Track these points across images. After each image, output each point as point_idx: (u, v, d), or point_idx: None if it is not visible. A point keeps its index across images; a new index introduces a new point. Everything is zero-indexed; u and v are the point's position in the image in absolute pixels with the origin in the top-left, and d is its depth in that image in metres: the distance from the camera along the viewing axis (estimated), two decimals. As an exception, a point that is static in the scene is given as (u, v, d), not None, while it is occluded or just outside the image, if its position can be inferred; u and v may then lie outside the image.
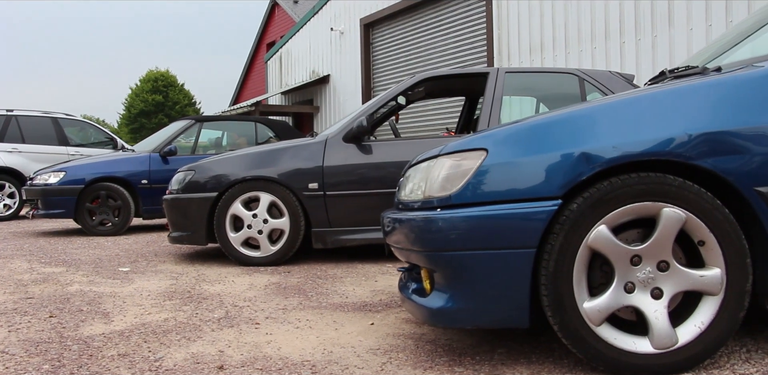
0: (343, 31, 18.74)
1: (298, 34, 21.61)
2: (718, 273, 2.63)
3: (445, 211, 2.74)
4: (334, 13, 19.17)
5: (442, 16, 14.93)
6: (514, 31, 12.49)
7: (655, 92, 2.83)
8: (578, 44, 11.14)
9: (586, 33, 10.97)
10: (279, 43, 23.23)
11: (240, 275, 5.64)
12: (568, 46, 11.34)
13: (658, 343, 2.62)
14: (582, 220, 2.60)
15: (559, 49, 11.52)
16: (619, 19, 10.37)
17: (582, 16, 11.03)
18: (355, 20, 18.11)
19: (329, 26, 19.30)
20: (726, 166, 2.62)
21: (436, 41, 15.16)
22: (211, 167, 6.33)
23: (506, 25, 12.68)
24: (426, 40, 15.53)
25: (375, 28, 17.61)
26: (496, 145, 2.77)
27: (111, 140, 14.22)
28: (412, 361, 3.06)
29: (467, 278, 2.71)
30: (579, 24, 11.11)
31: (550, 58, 11.69)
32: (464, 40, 14.19)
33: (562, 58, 11.42)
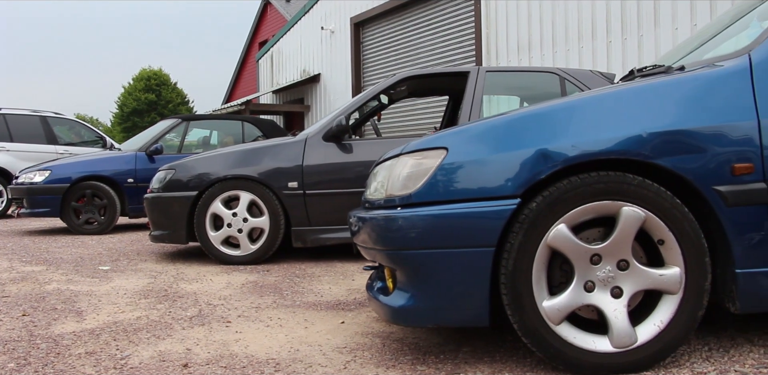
0: (333, 30, 18.74)
1: (289, 33, 21.60)
2: (677, 272, 2.63)
3: (405, 210, 2.74)
4: (325, 12, 19.17)
5: (431, 15, 14.94)
6: (503, 30, 12.50)
7: (616, 91, 2.84)
8: (565, 43, 11.15)
9: (574, 32, 10.98)
10: (270, 42, 23.23)
11: (219, 274, 5.64)
12: (555, 45, 11.35)
13: (617, 341, 2.63)
14: (541, 219, 2.61)
15: (546, 49, 11.53)
16: (606, 18, 10.37)
17: (569, 15, 11.03)
18: (345, 19, 18.10)
19: (320, 25, 19.29)
20: (685, 164, 2.62)
21: (425, 40, 15.17)
22: (192, 166, 6.33)
23: (494, 25, 12.68)
24: (415, 39, 15.53)
25: (365, 27, 17.61)
26: (456, 143, 2.77)
27: (100, 139, 14.19)
28: (377, 359, 3.07)
29: (427, 277, 2.71)
30: (566, 23, 11.11)
31: (537, 57, 11.69)
32: (453, 39, 14.19)
33: (549, 57, 11.43)
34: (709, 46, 3.37)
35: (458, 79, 6.64)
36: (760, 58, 2.77)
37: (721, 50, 3.13)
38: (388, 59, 16.66)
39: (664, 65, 3.25)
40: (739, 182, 2.63)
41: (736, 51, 2.91)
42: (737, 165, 2.63)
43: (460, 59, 13.87)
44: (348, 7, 17.87)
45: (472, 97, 6.17)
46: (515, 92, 7.44)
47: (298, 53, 21.01)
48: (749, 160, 2.64)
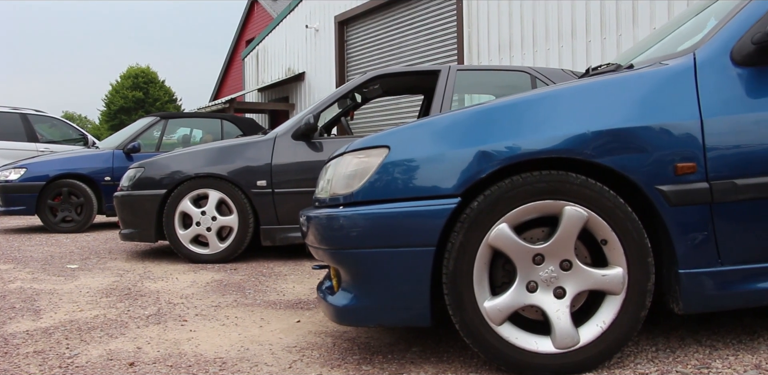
0: (318, 29, 18.70)
1: (275, 32, 21.57)
2: (620, 272, 2.61)
3: (347, 209, 2.72)
4: (310, 11, 19.14)
5: (414, 14, 14.93)
6: (484, 29, 12.50)
7: (559, 89, 2.81)
8: (546, 43, 11.15)
9: (554, 32, 10.98)
10: (256, 40, 23.19)
11: (186, 272, 5.62)
12: (536, 44, 11.35)
13: (559, 342, 2.60)
14: (482, 218, 2.58)
15: (527, 48, 11.53)
16: (586, 18, 10.37)
17: (549, 15, 11.04)
18: (329, 18, 18.08)
19: (304, 23, 19.26)
20: (628, 164, 2.60)
21: (408, 39, 15.16)
22: (161, 164, 6.30)
23: (476, 24, 12.68)
24: (399, 38, 15.52)
25: (349, 25, 17.59)
26: (398, 142, 2.75)
27: (82, 137, 14.13)
28: (324, 359, 3.05)
29: (369, 276, 2.68)
30: (546, 23, 11.12)
31: (518, 56, 11.70)
32: (436, 38, 14.19)
33: (530, 56, 11.43)
34: (664, 44, 3.35)
35: (431, 78, 6.62)
36: (705, 57, 2.75)
37: (673, 49, 3.10)
38: (372, 58, 16.65)
39: (616, 64, 3.23)
40: (681, 182, 2.61)
41: (683, 50, 2.90)
42: (680, 164, 2.61)
43: (442, 58, 13.87)
44: (332, 6, 17.84)
45: (442, 95, 6.16)
46: (486, 91, 7.43)
47: (283, 51, 20.98)
48: (692, 159, 2.62)
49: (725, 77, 2.72)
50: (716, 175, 2.62)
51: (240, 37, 33.73)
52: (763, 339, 2.99)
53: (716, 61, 2.74)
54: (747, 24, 2.77)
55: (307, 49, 19.44)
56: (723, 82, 2.71)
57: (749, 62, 2.73)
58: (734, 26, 2.79)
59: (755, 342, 2.95)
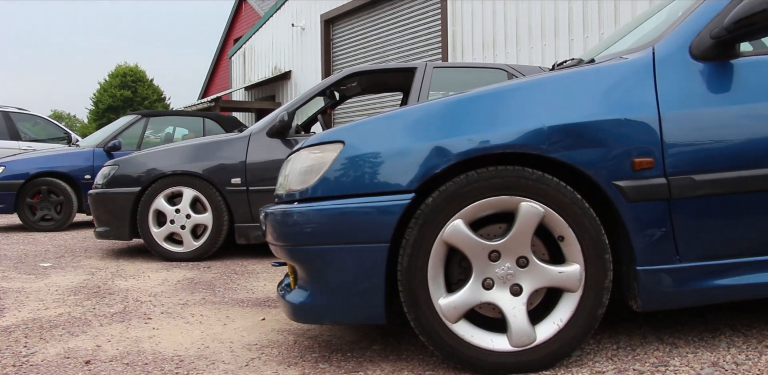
0: (304, 27, 18.68)
1: (261, 30, 21.53)
2: (577, 269, 2.57)
3: (301, 205, 2.68)
4: (296, 9, 19.11)
5: (399, 13, 14.93)
6: (468, 28, 12.50)
7: (517, 84, 2.77)
8: (529, 41, 11.15)
9: (537, 30, 10.98)
10: (243, 39, 23.15)
11: (158, 270, 5.57)
12: (519, 43, 11.35)
13: (516, 340, 2.56)
14: (437, 214, 2.55)
15: (510, 46, 11.53)
16: (568, 17, 10.38)
17: (532, 14, 11.05)
18: (315, 16, 18.06)
19: (291, 22, 19.22)
20: (584, 159, 2.56)
21: (393, 37, 15.16)
22: (135, 162, 6.25)
23: (460, 23, 12.68)
24: (384, 36, 15.52)
25: (335, 24, 17.57)
26: (353, 137, 2.71)
27: (66, 135, 14.04)
28: (282, 357, 3.01)
29: (324, 273, 2.64)
30: (530, 22, 11.12)
31: (502, 54, 11.70)
32: (420, 36, 14.20)
33: (513, 54, 11.43)
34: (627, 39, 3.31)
35: (408, 75, 6.59)
36: (663, 51, 2.72)
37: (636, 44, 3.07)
38: (358, 56, 16.63)
39: (579, 59, 3.21)
40: (639, 177, 2.57)
41: (643, 44, 2.87)
42: (637, 159, 2.57)
43: (427, 56, 13.87)
44: (318, 4, 17.82)
45: (418, 92, 6.13)
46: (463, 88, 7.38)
47: (270, 50, 20.94)
48: (649, 154, 2.58)
49: (684, 72, 2.69)
50: (674, 170, 2.58)
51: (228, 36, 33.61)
52: (724, 336, 2.97)
53: (675, 55, 2.71)
54: (706, 19, 2.73)
55: (293, 47, 19.41)
56: (681, 76, 2.68)
57: (708, 57, 2.69)
58: (693, 21, 2.76)
59: (716, 339, 2.93)
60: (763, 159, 2.61)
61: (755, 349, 2.76)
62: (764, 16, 2.49)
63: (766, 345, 2.82)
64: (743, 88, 2.68)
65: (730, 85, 2.68)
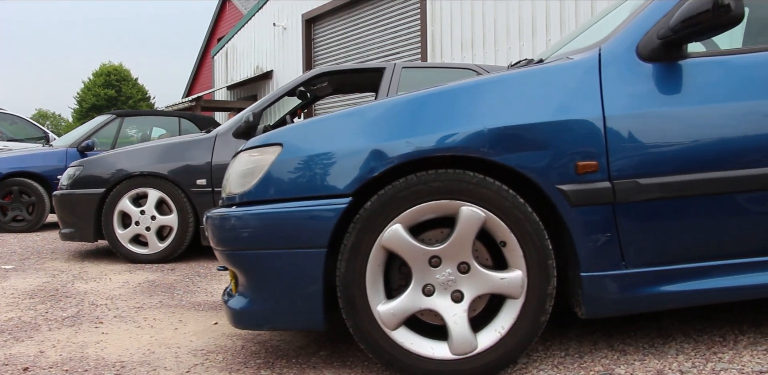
0: (285, 27, 18.61)
1: (243, 30, 21.46)
2: (519, 275, 2.50)
3: (239, 209, 2.62)
4: (278, 9, 19.04)
5: (379, 13, 14.90)
6: (447, 28, 12.48)
7: (459, 85, 2.70)
8: (507, 41, 11.12)
9: (515, 30, 10.95)
10: (225, 39, 23.07)
11: (121, 273, 5.49)
12: (497, 43, 11.32)
13: (456, 348, 2.50)
14: (375, 218, 2.48)
15: (489, 46, 11.50)
16: (545, 17, 10.35)
17: (510, 14, 11.02)
18: (297, 16, 18.00)
19: (272, 22, 19.15)
20: (527, 162, 2.49)
21: (374, 37, 15.13)
22: (100, 163, 6.16)
23: (439, 23, 12.65)
24: (365, 36, 15.49)
25: (316, 23, 17.51)
26: (291, 140, 2.64)
27: (44, 135, 13.93)
28: (226, 362, 2.95)
29: (262, 279, 2.58)
30: (508, 22, 11.09)
31: (480, 54, 11.67)
32: (400, 36, 14.18)
33: (491, 54, 11.40)
34: (579, 40, 3.25)
35: (377, 76, 6.53)
36: (610, 52, 2.66)
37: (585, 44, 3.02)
38: (339, 56, 16.59)
39: (530, 59, 3.15)
40: (583, 181, 2.50)
41: (590, 45, 2.82)
42: (581, 163, 2.50)
43: (407, 56, 13.84)
44: (300, 4, 17.77)
45: (386, 93, 6.08)
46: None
47: (252, 50, 20.87)
48: (594, 157, 2.51)
49: (630, 73, 2.62)
50: (619, 174, 2.52)
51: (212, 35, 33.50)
52: (675, 342, 2.91)
53: (621, 56, 2.65)
54: (653, 19, 2.68)
55: (275, 47, 19.35)
56: (628, 77, 2.61)
57: (655, 57, 2.63)
58: (641, 21, 2.70)
59: (666, 346, 2.87)
60: (710, 162, 2.55)
61: (703, 356, 2.71)
62: (708, 16, 2.43)
63: (715, 351, 2.76)
64: (691, 89, 2.62)
65: (677, 86, 2.62)
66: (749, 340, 2.89)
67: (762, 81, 2.66)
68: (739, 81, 2.66)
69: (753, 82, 2.66)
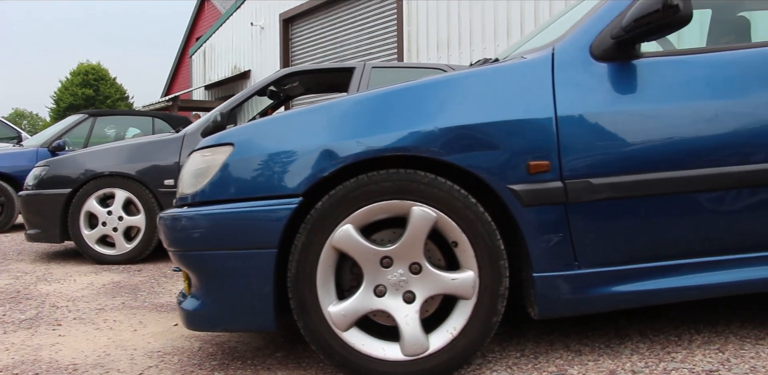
0: (263, 27, 18.57)
1: (221, 29, 21.39)
2: (470, 275, 2.49)
3: (190, 209, 2.59)
4: (255, 8, 19.00)
5: (356, 13, 14.89)
6: (423, 28, 12.48)
7: (411, 84, 2.67)
8: (482, 42, 11.13)
9: (490, 31, 10.97)
10: (203, 38, 23.00)
11: (87, 274, 5.44)
12: (472, 43, 11.33)
13: (408, 349, 2.48)
14: (325, 218, 2.46)
15: (464, 47, 11.51)
16: (520, 18, 10.37)
17: (486, 15, 11.04)
18: (274, 15, 17.96)
19: (250, 21, 19.09)
20: (479, 162, 2.47)
21: (351, 37, 15.12)
22: (67, 163, 6.10)
23: (416, 23, 12.66)
24: (342, 36, 15.48)
25: (294, 23, 17.48)
26: (243, 139, 2.61)
27: (17, 135, 13.79)
28: (181, 364, 2.92)
29: (213, 279, 2.56)
30: (483, 23, 11.10)
31: (456, 54, 11.68)
32: (377, 36, 14.17)
33: (467, 54, 11.40)
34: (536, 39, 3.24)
35: (347, 75, 6.51)
36: (563, 51, 2.64)
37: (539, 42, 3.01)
38: (316, 55, 16.57)
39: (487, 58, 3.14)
40: (534, 181, 2.49)
41: (544, 44, 2.81)
42: (533, 163, 2.49)
43: (384, 56, 13.83)
44: (277, 4, 17.74)
45: (356, 93, 6.04)
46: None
47: (230, 49, 20.80)
48: (545, 157, 2.50)
49: (583, 72, 2.61)
50: (571, 173, 2.51)
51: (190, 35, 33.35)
52: (631, 342, 2.90)
53: (574, 55, 2.64)
54: (607, 18, 2.67)
55: (253, 47, 19.29)
56: (580, 77, 2.60)
57: (608, 57, 2.62)
58: (595, 21, 2.69)
59: (622, 346, 2.86)
60: (663, 162, 2.55)
61: (656, 356, 2.70)
62: (658, 15, 2.43)
63: (669, 351, 2.76)
64: (644, 89, 2.61)
65: (630, 86, 2.61)
66: (703, 340, 2.89)
67: (714, 81, 2.66)
68: (691, 81, 2.66)
69: (705, 82, 2.66)
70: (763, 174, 2.59)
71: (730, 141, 2.59)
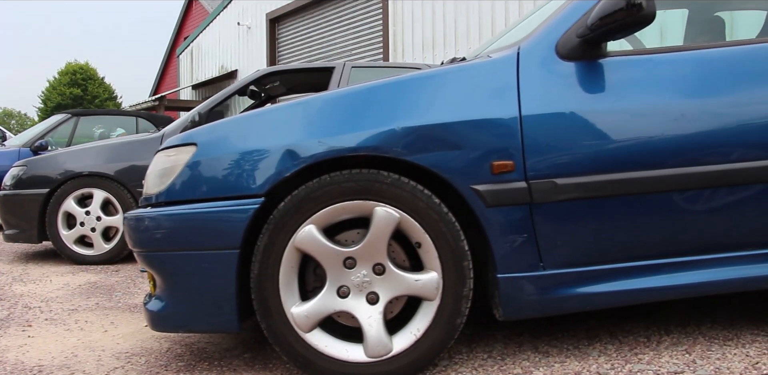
0: (250, 26, 18.54)
1: (208, 29, 21.35)
2: (434, 277, 2.47)
3: (154, 209, 2.58)
4: (242, 8, 18.97)
5: (342, 12, 14.88)
6: (408, 28, 12.47)
7: (375, 83, 2.66)
8: (467, 42, 11.12)
9: (474, 31, 10.97)
10: (190, 38, 22.95)
11: (64, 274, 5.41)
12: (457, 43, 11.33)
13: (371, 351, 2.46)
14: (287, 219, 2.44)
15: (449, 47, 11.51)
16: (504, 18, 10.37)
17: (471, 15, 11.04)
18: (261, 15, 17.94)
19: (237, 21, 19.06)
20: (442, 162, 2.45)
21: (337, 37, 15.12)
22: (44, 163, 6.08)
23: (401, 23, 12.65)
24: (328, 36, 15.47)
25: (280, 23, 17.45)
26: (206, 140, 2.59)
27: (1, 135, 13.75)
28: (147, 365, 2.90)
29: (176, 280, 2.54)
30: (468, 22, 11.10)
31: (441, 54, 11.67)
32: (363, 36, 14.17)
33: (452, 54, 11.39)
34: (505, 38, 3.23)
35: (327, 75, 6.49)
36: (528, 50, 2.62)
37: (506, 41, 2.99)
38: (303, 55, 16.55)
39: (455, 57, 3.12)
40: (498, 181, 2.47)
41: (511, 43, 2.79)
42: (496, 163, 2.47)
43: (369, 56, 13.83)
44: (264, 4, 17.72)
45: (334, 93, 6.03)
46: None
47: (217, 49, 20.77)
48: (509, 157, 2.48)
49: (549, 72, 2.59)
50: (535, 174, 2.48)
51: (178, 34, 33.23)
52: (600, 344, 2.89)
53: (540, 54, 2.62)
54: (573, 18, 2.65)
55: (240, 46, 19.26)
56: (546, 76, 2.58)
57: (574, 56, 2.60)
58: (561, 20, 2.67)
59: (590, 347, 2.85)
60: (628, 162, 2.53)
61: (623, 358, 2.69)
62: (623, 14, 2.41)
63: (636, 352, 2.74)
64: (609, 88, 2.59)
65: (595, 85, 2.59)
66: (672, 341, 2.88)
67: (680, 80, 2.65)
68: (658, 80, 2.64)
69: (672, 81, 2.64)
70: (730, 174, 2.58)
71: (697, 140, 2.57)
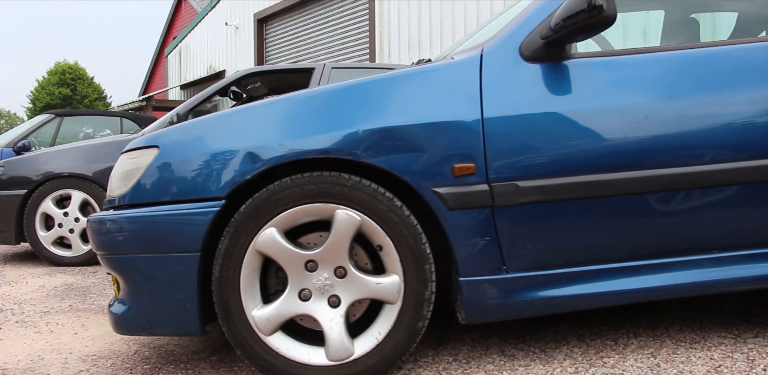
0: (238, 26, 18.51)
1: (196, 29, 21.32)
2: (395, 280, 2.45)
3: (116, 212, 2.56)
4: (230, 8, 18.94)
5: (329, 13, 14.87)
6: (395, 29, 12.47)
7: (337, 86, 2.65)
8: (453, 42, 11.11)
9: (461, 31, 10.97)
10: (178, 38, 22.91)
11: (40, 276, 5.39)
12: (443, 43, 11.33)
13: (333, 354, 2.45)
14: (248, 222, 2.43)
15: (435, 47, 11.51)
16: (490, 18, 10.36)
17: (456, 15, 11.04)
18: (249, 15, 17.91)
19: (224, 21, 19.03)
20: (401, 164, 2.43)
21: (324, 37, 15.10)
22: (22, 164, 6.05)
23: (387, 23, 12.64)
24: (316, 36, 15.46)
25: (268, 23, 17.44)
26: (168, 142, 2.58)
27: (-13, 134, 13.70)
28: (114, 368, 2.88)
29: (138, 283, 2.53)
30: (453, 23, 11.10)
31: (427, 54, 11.66)
32: (350, 36, 14.16)
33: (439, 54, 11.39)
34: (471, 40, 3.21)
35: (308, 76, 6.47)
36: (491, 52, 2.61)
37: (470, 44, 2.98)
38: (290, 55, 16.54)
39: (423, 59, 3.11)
40: (460, 184, 2.46)
41: (475, 45, 2.78)
42: (458, 165, 2.45)
43: (356, 56, 13.82)
44: (251, 4, 17.70)
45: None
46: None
47: (205, 49, 20.74)
48: (471, 159, 2.46)
49: (512, 74, 2.58)
50: (497, 176, 2.47)
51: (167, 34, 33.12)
52: (567, 347, 2.88)
53: (503, 56, 2.60)
54: (537, 19, 2.64)
55: (228, 46, 19.24)
56: (509, 78, 2.57)
57: (538, 58, 2.59)
58: (525, 21, 2.66)
59: (557, 351, 2.84)
60: (590, 165, 2.51)
61: (588, 361, 2.68)
62: (585, 15, 2.40)
63: (602, 356, 2.74)
64: (573, 90, 2.58)
65: (559, 87, 2.58)
66: (639, 344, 2.87)
67: (645, 82, 2.63)
68: (622, 82, 2.63)
69: (637, 83, 2.63)
70: (692, 176, 2.57)
71: (659, 143, 2.56)
